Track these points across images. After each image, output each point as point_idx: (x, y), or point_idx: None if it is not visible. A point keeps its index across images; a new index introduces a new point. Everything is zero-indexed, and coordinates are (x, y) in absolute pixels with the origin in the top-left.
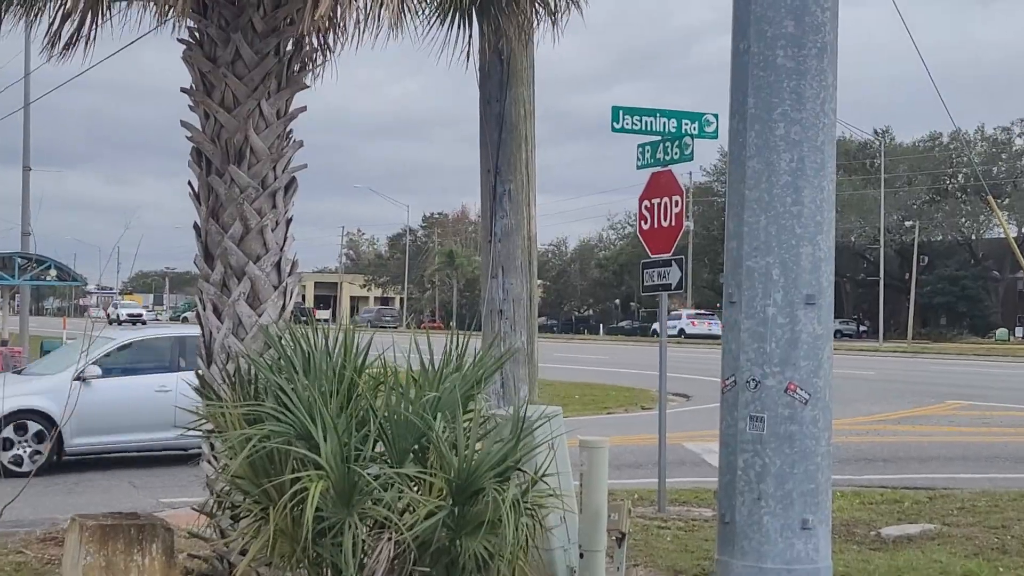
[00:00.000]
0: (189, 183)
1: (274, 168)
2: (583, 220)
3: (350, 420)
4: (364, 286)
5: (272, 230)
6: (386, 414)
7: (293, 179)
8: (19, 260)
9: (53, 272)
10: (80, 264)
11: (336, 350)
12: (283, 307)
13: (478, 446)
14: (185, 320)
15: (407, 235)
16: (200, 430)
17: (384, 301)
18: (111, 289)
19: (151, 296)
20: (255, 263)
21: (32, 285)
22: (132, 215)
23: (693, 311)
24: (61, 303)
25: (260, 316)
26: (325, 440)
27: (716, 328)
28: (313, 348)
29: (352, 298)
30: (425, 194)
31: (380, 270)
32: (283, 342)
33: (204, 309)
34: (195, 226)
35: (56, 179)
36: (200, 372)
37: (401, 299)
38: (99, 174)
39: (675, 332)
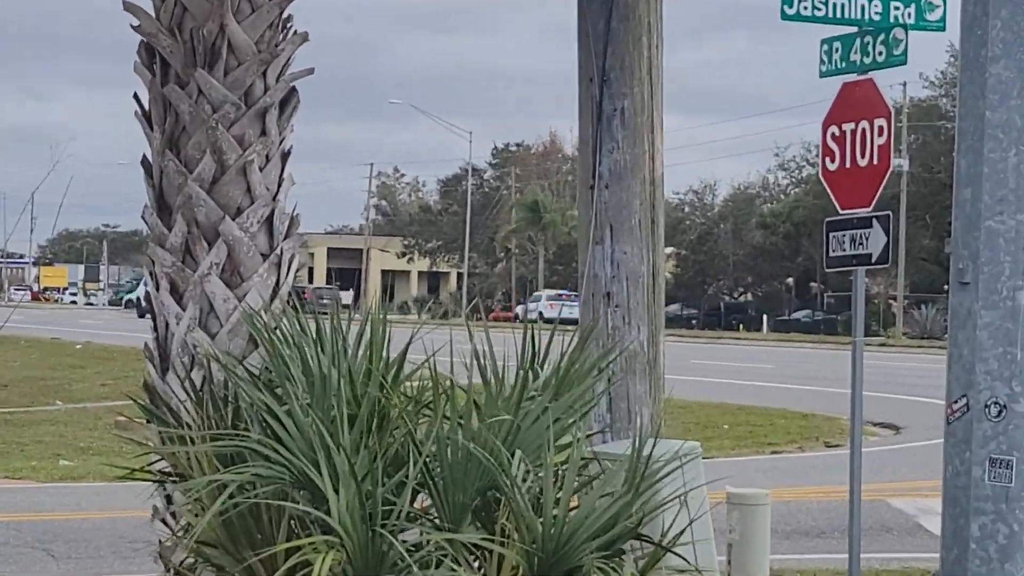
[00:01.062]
0: (136, 97)
1: (264, 74)
2: (737, 156)
3: (376, 459)
4: (404, 254)
5: (261, 168)
6: (434, 450)
7: (293, 91)
8: None
9: None
10: None
11: (359, 352)
12: (276, 285)
13: (574, 501)
14: (130, 306)
15: (469, 178)
16: (150, 472)
17: (434, 276)
18: (22, 257)
19: (81, 268)
20: (234, 219)
21: None
22: (58, 148)
23: (554, 292)
24: None
25: (242, 299)
26: (338, 491)
27: (570, 311)
28: (321, 349)
29: (385, 272)
30: (496, 116)
31: (428, 231)
32: (277, 339)
33: (158, 288)
34: (144, 162)
35: None
36: (150, 382)
37: (460, 274)
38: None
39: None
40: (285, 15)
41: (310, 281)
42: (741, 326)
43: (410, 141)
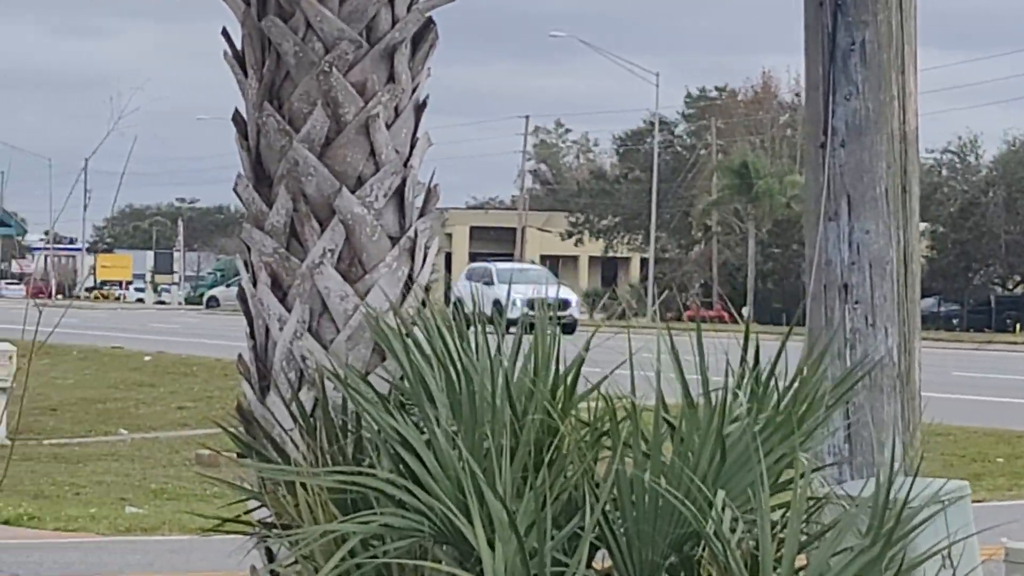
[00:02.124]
0: (225, 33)
1: (391, 1)
2: (1012, 101)
3: (544, 505)
4: (571, 235)
5: (388, 125)
6: (615, 493)
7: (429, 23)
8: None
9: None
10: (15, 194)
11: (516, 365)
12: (409, 277)
13: (800, 559)
14: (213, 304)
15: (656, 134)
16: (246, 522)
17: (610, 263)
18: (72, 242)
19: (149, 255)
20: (354, 191)
21: None
22: (120, 99)
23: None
24: None
25: (365, 296)
26: (493, 547)
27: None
28: (471, 361)
29: (546, 259)
30: (690, 53)
31: (601, 203)
32: (412, 348)
33: (255, 282)
34: (237, 118)
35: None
36: (245, 405)
37: (644, 260)
38: (42, 20)
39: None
40: None
41: (447, 270)
42: (1019, 326)
43: (576, 87)
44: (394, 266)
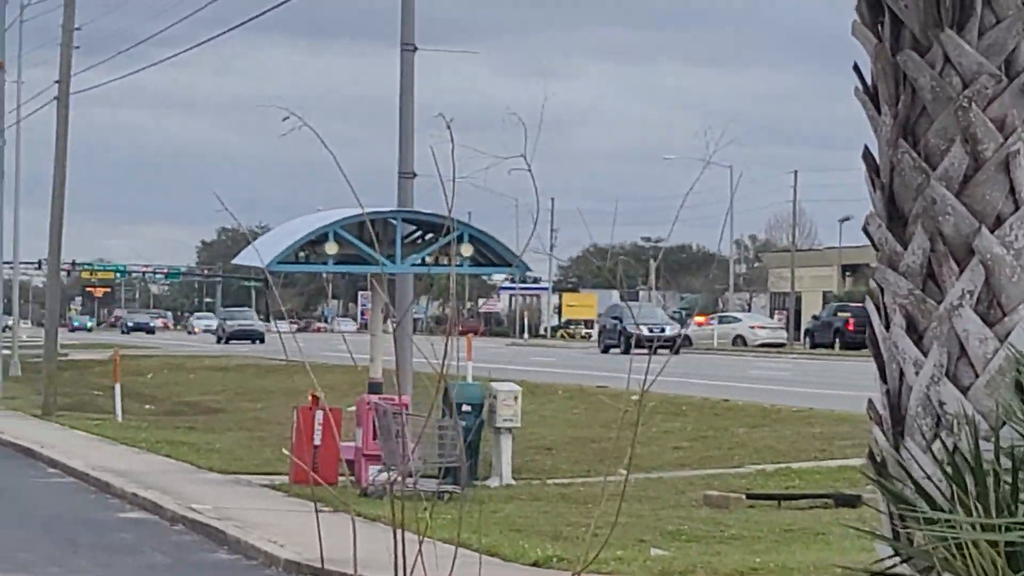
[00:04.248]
0: (856, 68)
1: None
2: None
3: None
4: None
5: None
6: None
7: None
8: (399, 226)
9: (467, 248)
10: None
11: None
12: None
13: None
14: (685, 344)
15: None
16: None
17: None
18: (536, 281)
19: (614, 293)
20: (993, 231)
21: (425, 274)
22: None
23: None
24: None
25: (1004, 339)
26: None
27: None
28: None
29: None
30: None
31: None
32: None
33: (888, 324)
34: (867, 156)
35: (465, 63)
36: (877, 451)
37: None
38: (499, 60)
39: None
40: None
41: None
42: None
43: None
44: None
